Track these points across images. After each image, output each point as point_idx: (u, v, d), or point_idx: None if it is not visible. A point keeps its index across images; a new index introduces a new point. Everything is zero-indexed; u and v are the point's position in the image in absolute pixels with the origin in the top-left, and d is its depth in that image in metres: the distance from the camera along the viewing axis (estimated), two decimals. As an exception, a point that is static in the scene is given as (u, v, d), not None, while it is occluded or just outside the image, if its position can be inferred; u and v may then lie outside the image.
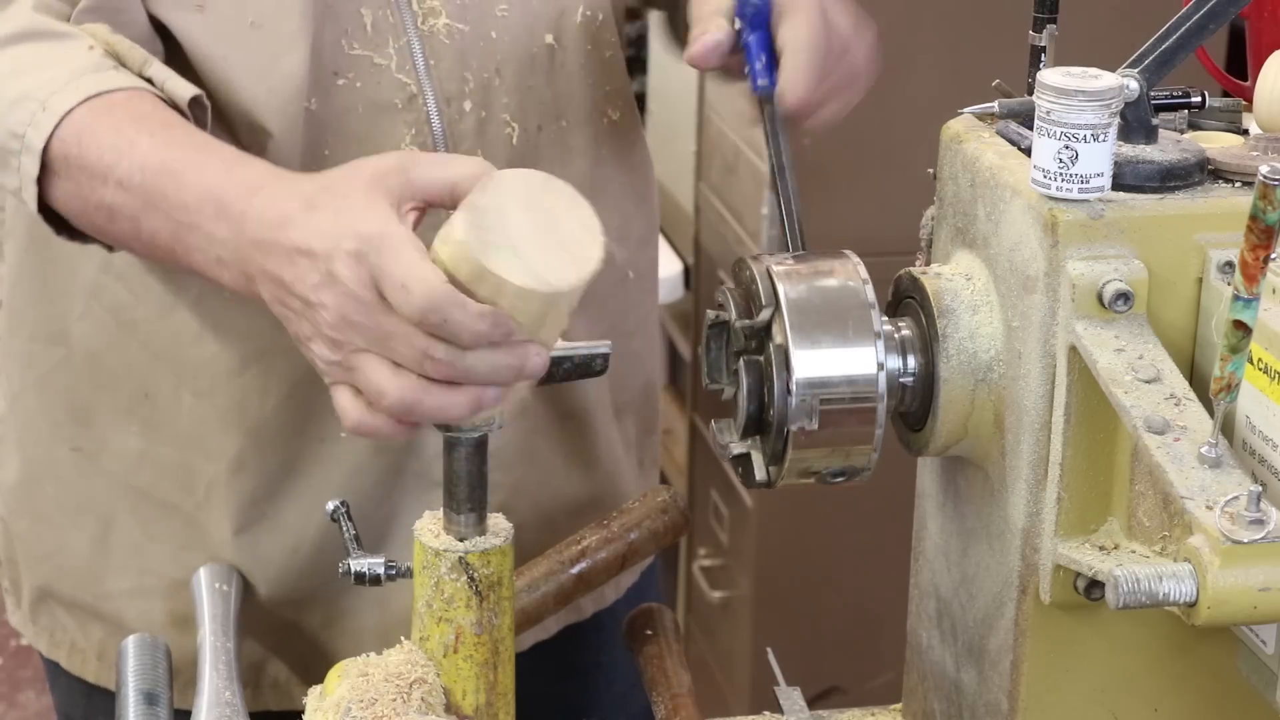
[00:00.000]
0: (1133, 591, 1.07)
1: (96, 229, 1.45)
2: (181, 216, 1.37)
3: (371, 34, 1.55)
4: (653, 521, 1.58)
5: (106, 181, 1.41)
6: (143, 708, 1.47)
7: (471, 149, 1.59)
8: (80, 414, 1.67)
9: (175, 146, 1.40)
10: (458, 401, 1.27)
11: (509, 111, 1.60)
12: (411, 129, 1.56)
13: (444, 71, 1.57)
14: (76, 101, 1.42)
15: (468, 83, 1.58)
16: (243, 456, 1.62)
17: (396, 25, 1.56)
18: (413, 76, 1.56)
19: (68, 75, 1.44)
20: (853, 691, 3.01)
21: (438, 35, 1.57)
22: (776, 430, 1.28)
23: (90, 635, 1.72)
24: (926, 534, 1.41)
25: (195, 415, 1.62)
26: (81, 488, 1.68)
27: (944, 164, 1.34)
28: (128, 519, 1.67)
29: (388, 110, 1.56)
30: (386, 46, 1.56)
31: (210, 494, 1.64)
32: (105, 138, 1.41)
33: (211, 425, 1.62)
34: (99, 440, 1.66)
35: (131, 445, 1.65)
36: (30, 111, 1.43)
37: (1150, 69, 1.25)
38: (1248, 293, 1.06)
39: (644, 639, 1.60)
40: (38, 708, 3.66)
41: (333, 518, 1.49)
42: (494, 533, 1.36)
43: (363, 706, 1.32)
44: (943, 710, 1.40)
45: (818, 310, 1.28)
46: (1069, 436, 1.22)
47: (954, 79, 2.77)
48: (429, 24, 1.57)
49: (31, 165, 1.43)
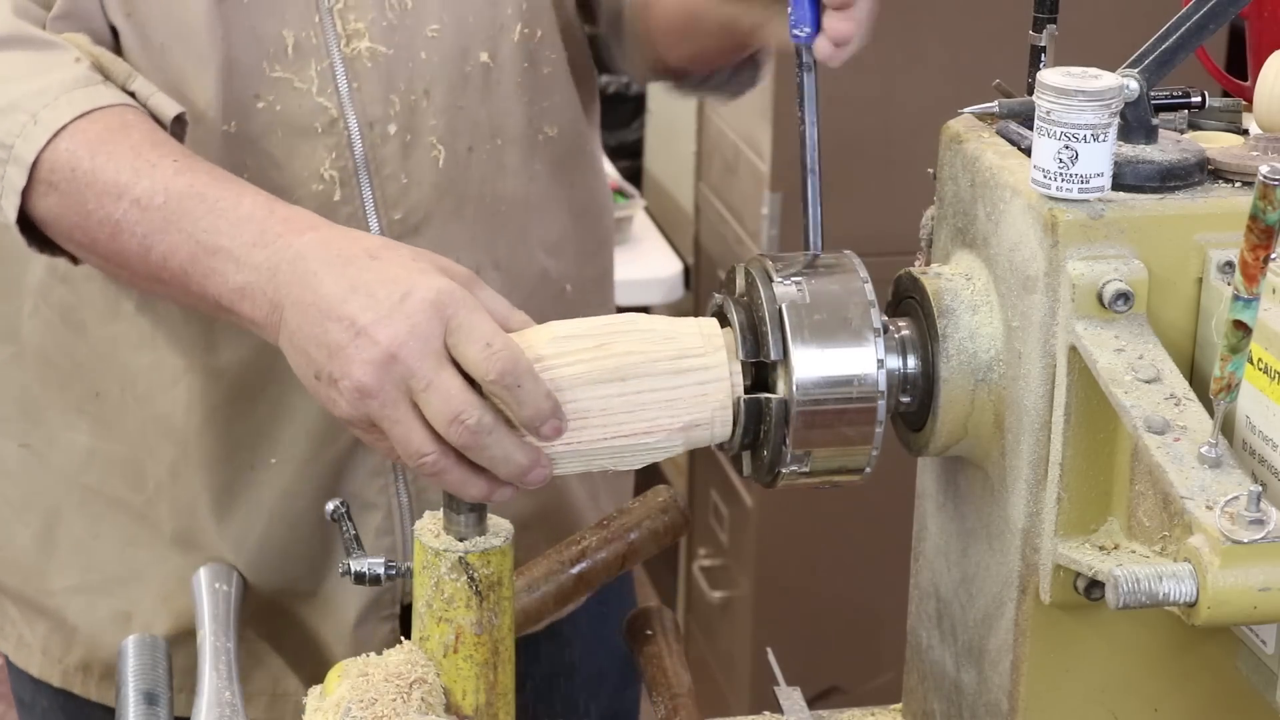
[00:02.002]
0: (1133, 591, 1.07)
1: (88, 244, 1.44)
2: (208, 239, 1.37)
3: (293, 57, 1.54)
4: (653, 521, 1.58)
5: (120, 198, 1.40)
6: (143, 708, 1.47)
7: (395, 172, 1.58)
8: (30, 411, 1.67)
9: (204, 174, 1.41)
10: (476, 484, 1.29)
11: (436, 134, 1.59)
12: (332, 153, 1.56)
13: (367, 95, 1.56)
14: (70, 118, 1.43)
15: (393, 105, 1.57)
16: (177, 467, 1.63)
17: (319, 47, 1.55)
18: (334, 100, 1.55)
19: (58, 88, 1.44)
20: (853, 691, 3.01)
21: (361, 58, 1.56)
22: (773, 453, 1.28)
23: (35, 630, 1.73)
24: (926, 534, 1.41)
25: (140, 417, 1.63)
26: (28, 484, 1.69)
27: (944, 164, 1.34)
28: (74, 516, 1.68)
29: (308, 134, 1.55)
30: (308, 69, 1.55)
31: (158, 492, 1.65)
32: (124, 157, 1.41)
33: (153, 430, 1.62)
34: (47, 437, 1.67)
35: (80, 442, 1.65)
36: (20, 123, 1.43)
37: (1150, 69, 1.25)
38: (1248, 293, 1.06)
39: (644, 639, 1.60)
40: (38, 708, 3.65)
41: (332, 518, 1.49)
42: (494, 533, 1.36)
43: (363, 706, 1.32)
44: (943, 710, 1.40)
45: (817, 310, 1.28)
46: (1069, 436, 1.22)
47: (954, 79, 2.77)
48: (353, 46, 1.56)
49: (18, 176, 1.43)
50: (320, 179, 1.56)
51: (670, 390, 1.28)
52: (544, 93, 1.66)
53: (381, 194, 1.58)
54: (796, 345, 1.27)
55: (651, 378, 1.28)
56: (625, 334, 1.30)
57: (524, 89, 1.64)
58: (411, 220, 1.59)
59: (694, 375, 1.29)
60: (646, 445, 1.29)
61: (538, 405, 1.25)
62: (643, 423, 1.28)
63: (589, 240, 1.75)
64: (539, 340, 1.29)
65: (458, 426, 1.25)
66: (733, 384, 1.29)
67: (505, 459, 1.27)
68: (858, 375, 1.27)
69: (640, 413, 1.28)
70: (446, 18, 1.59)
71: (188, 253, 1.38)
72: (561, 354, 1.28)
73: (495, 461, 1.27)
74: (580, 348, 1.29)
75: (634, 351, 1.29)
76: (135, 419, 1.63)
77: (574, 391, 1.27)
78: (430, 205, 1.60)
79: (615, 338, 1.30)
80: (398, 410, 1.27)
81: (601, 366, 1.28)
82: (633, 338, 1.30)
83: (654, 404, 1.28)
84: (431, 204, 1.60)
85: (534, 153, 1.66)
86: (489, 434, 1.26)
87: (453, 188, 1.60)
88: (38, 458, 1.68)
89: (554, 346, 1.29)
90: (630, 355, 1.29)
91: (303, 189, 1.55)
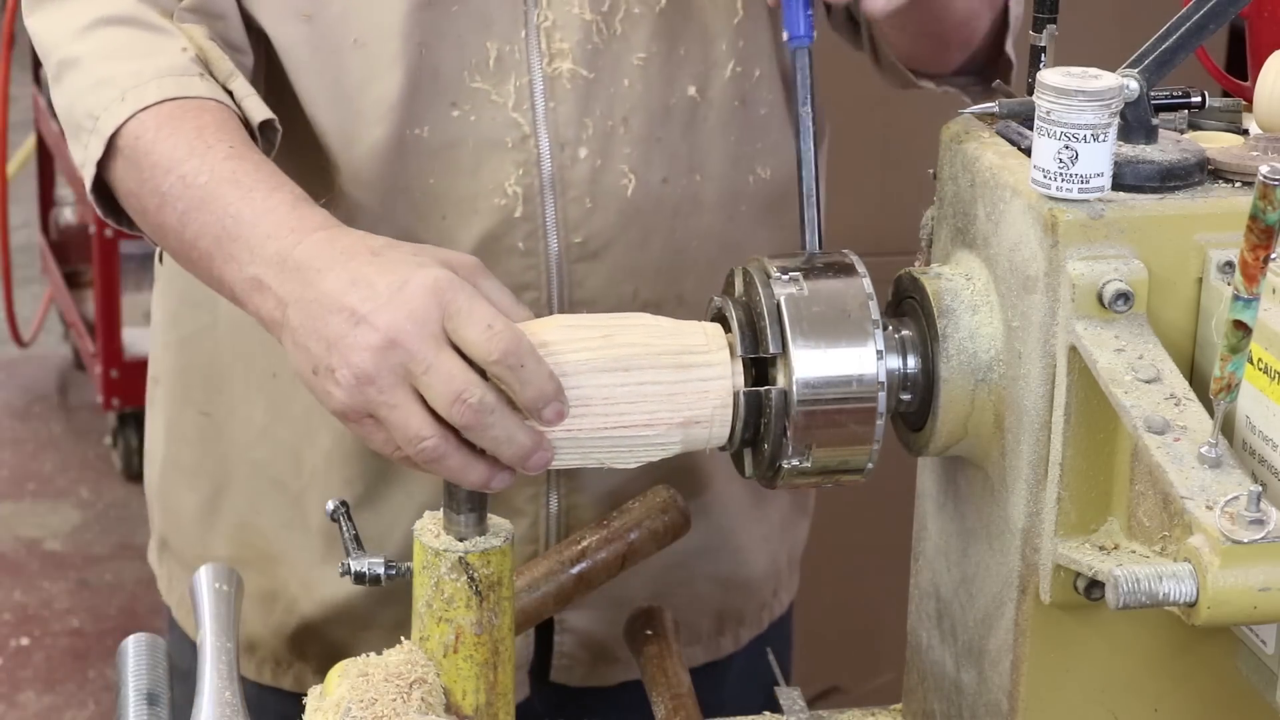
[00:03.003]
0: (1133, 591, 1.07)
1: (141, 212, 1.47)
2: (231, 226, 1.39)
3: (494, 69, 1.54)
4: (653, 521, 1.58)
5: (170, 172, 1.43)
6: (143, 708, 1.47)
7: (580, 196, 1.56)
8: (215, 381, 1.69)
9: (249, 163, 1.42)
10: (476, 469, 1.29)
11: (629, 162, 1.57)
12: (519, 169, 1.55)
13: (562, 116, 1.55)
14: (154, 100, 1.46)
15: (586, 128, 1.56)
16: (332, 456, 1.63)
17: (521, 63, 1.54)
18: (528, 117, 1.54)
19: (154, 72, 1.47)
20: (853, 691, 3.00)
21: (561, 79, 1.55)
22: (773, 446, 1.28)
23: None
24: (926, 534, 1.41)
25: (305, 402, 1.62)
26: (203, 452, 1.71)
27: (944, 164, 1.34)
28: (239, 490, 1.70)
29: (498, 148, 1.54)
30: (507, 84, 1.54)
31: (314, 480, 1.65)
32: (185, 134, 1.44)
33: (316, 416, 1.62)
34: (228, 409, 1.69)
35: (256, 419, 1.67)
36: (110, 98, 1.47)
37: (1150, 69, 1.25)
38: (1248, 293, 1.06)
39: (644, 639, 1.60)
40: (38, 708, 3.66)
41: (333, 518, 1.49)
42: (494, 533, 1.36)
43: (363, 706, 1.32)
44: (943, 710, 1.40)
45: (817, 310, 1.28)
46: (1069, 436, 1.22)
47: (954, 79, 2.76)
48: (555, 66, 1.54)
49: (97, 147, 1.47)
50: (504, 193, 1.55)
51: (672, 384, 1.29)
52: (757, 133, 1.63)
53: (564, 215, 1.56)
54: (795, 338, 1.27)
55: (655, 370, 1.29)
56: (631, 327, 1.31)
57: (733, 128, 1.61)
58: (592, 245, 1.57)
59: (696, 371, 1.29)
60: (646, 439, 1.30)
61: (541, 386, 1.26)
62: (643, 414, 1.29)
63: None
64: (546, 328, 1.30)
65: (460, 406, 1.26)
66: (734, 385, 1.29)
67: (509, 439, 1.27)
68: (857, 367, 1.27)
69: (642, 404, 1.29)
70: (655, 48, 1.56)
71: (214, 235, 1.40)
72: (567, 340, 1.29)
73: (498, 442, 1.27)
74: (586, 336, 1.30)
75: (639, 344, 1.30)
76: (302, 404, 1.62)
77: (577, 378, 1.28)
78: (614, 232, 1.58)
79: (621, 330, 1.31)
80: (396, 395, 1.28)
81: (606, 355, 1.29)
82: (638, 331, 1.31)
83: (655, 396, 1.29)
84: (615, 231, 1.58)
85: (740, 193, 1.63)
86: (492, 413, 1.26)
87: (640, 217, 1.58)
88: (216, 428, 1.70)
89: (560, 334, 1.30)
90: (635, 347, 1.29)
91: (485, 201, 1.55)
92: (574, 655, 1.71)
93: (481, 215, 1.54)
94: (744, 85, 1.60)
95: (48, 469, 4.47)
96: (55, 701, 3.68)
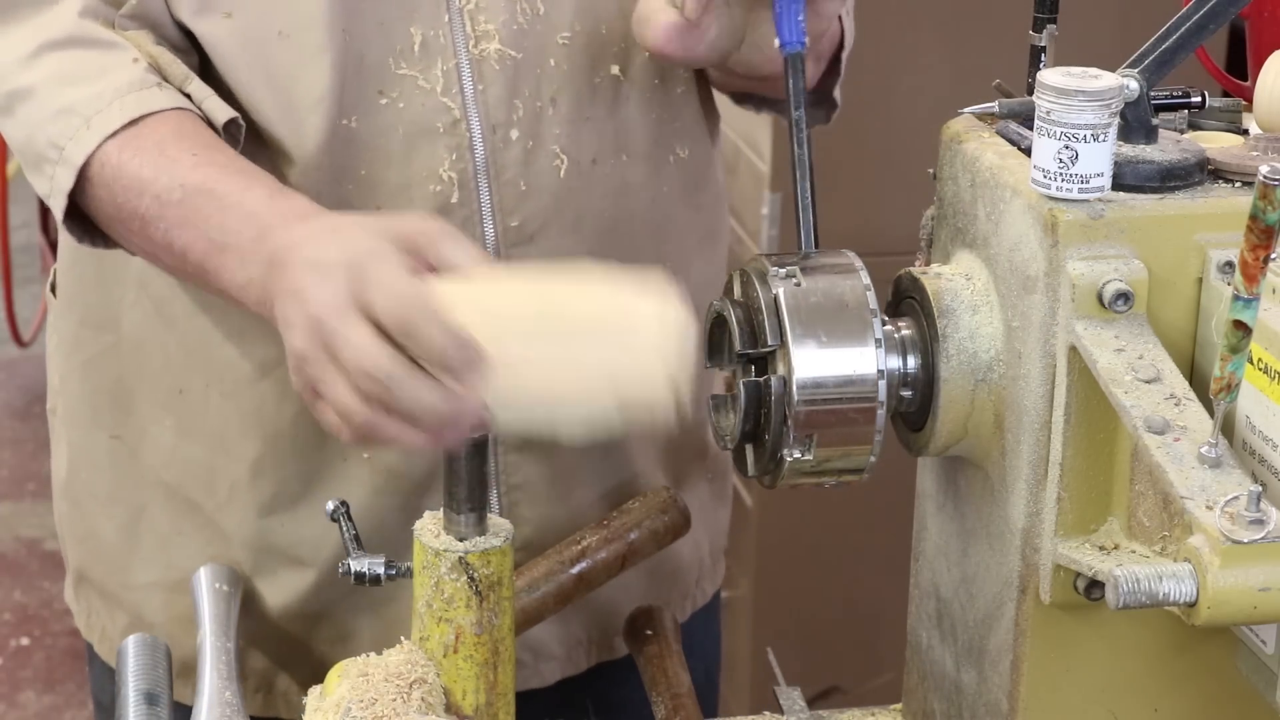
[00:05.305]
0: (1133, 591, 1.07)
1: (125, 236, 1.48)
2: (218, 236, 1.40)
3: (419, 54, 1.53)
4: (653, 521, 1.58)
5: (143, 195, 1.43)
6: (143, 708, 1.47)
7: (515, 179, 1.56)
8: (123, 402, 1.67)
9: (216, 168, 1.43)
10: (413, 435, 1.28)
11: (559, 143, 1.57)
12: (452, 154, 1.54)
13: (492, 98, 1.55)
14: (121, 124, 1.45)
15: (517, 110, 1.55)
16: (261, 463, 1.62)
17: (447, 47, 1.54)
18: (458, 101, 1.54)
19: (113, 92, 1.46)
20: (853, 691, 3.00)
21: (488, 60, 1.55)
22: (774, 437, 1.28)
23: (116, 623, 1.73)
24: (926, 534, 1.41)
25: (221, 415, 1.62)
26: (116, 476, 1.70)
27: (944, 164, 1.34)
28: (157, 512, 1.68)
29: (429, 134, 1.54)
30: (434, 68, 1.54)
31: (231, 496, 1.64)
32: (147, 152, 1.44)
33: (234, 427, 1.62)
34: (138, 430, 1.67)
35: (166, 439, 1.66)
36: (74, 126, 1.46)
37: (1150, 69, 1.25)
38: (1248, 293, 1.06)
39: (644, 639, 1.60)
40: (38, 708, 3.66)
41: (332, 518, 1.49)
42: (494, 533, 1.36)
43: (363, 706, 1.32)
44: (943, 710, 1.40)
45: (817, 310, 1.28)
46: (1069, 436, 1.22)
47: (954, 79, 2.77)
48: (481, 48, 1.54)
49: (66, 178, 1.46)
50: (439, 179, 1.54)
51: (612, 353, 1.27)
52: (674, 112, 1.64)
53: (499, 199, 1.56)
54: (794, 330, 1.27)
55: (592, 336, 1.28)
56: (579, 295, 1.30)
57: (653, 105, 1.62)
58: (528, 229, 1.57)
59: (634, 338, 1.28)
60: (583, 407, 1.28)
61: (441, 348, 1.25)
62: (579, 381, 1.28)
63: (710, 267, 1.72)
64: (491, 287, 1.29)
65: (366, 379, 1.26)
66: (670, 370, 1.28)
67: (423, 406, 1.26)
68: (857, 357, 1.27)
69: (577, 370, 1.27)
70: (579, 26, 1.57)
71: (202, 249, 1.41)
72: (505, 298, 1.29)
73: (412, 412, 1.26)
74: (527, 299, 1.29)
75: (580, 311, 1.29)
76: (215, 418, 1.62)
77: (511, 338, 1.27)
78: (548, 215, 1.58)
79: (568, 297, 1.30)
80: (327, 372, 1.28)
81: (544, 317, 1.28)
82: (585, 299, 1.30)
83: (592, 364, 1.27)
84: (550, 214, 1.58)
85: (662, 172, 1.64)
86: (398, 383, 1.25)
87: (573, 199, 1.58)
88: (128, 450, 1.68)
89: (500, 298, 1.29)
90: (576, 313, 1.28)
91: (420, 189, 1.54)
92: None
93: (417, 204, 1.54)
94: (661, 64, 1.60)
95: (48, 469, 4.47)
96: (55, 701, 3.68)
